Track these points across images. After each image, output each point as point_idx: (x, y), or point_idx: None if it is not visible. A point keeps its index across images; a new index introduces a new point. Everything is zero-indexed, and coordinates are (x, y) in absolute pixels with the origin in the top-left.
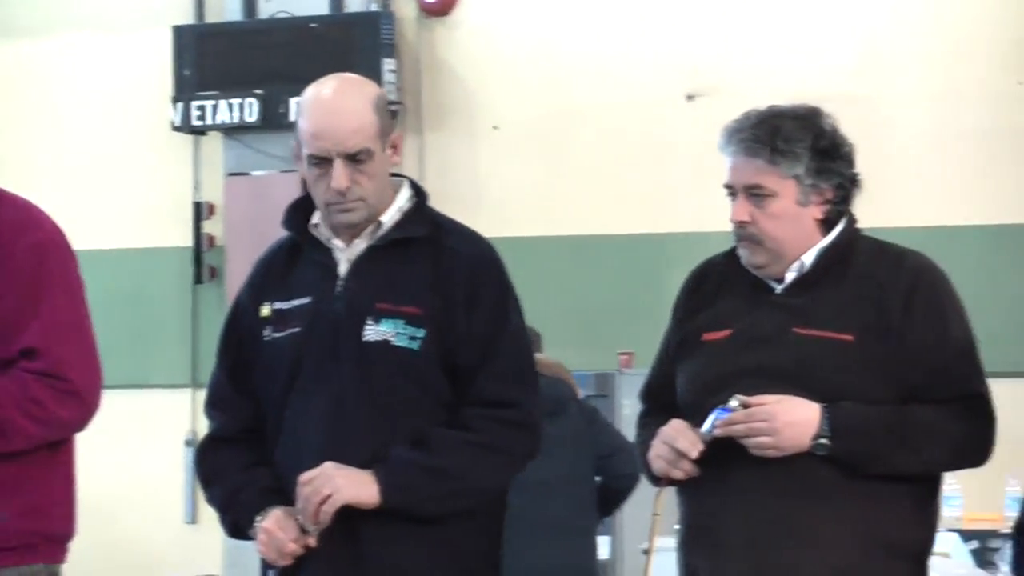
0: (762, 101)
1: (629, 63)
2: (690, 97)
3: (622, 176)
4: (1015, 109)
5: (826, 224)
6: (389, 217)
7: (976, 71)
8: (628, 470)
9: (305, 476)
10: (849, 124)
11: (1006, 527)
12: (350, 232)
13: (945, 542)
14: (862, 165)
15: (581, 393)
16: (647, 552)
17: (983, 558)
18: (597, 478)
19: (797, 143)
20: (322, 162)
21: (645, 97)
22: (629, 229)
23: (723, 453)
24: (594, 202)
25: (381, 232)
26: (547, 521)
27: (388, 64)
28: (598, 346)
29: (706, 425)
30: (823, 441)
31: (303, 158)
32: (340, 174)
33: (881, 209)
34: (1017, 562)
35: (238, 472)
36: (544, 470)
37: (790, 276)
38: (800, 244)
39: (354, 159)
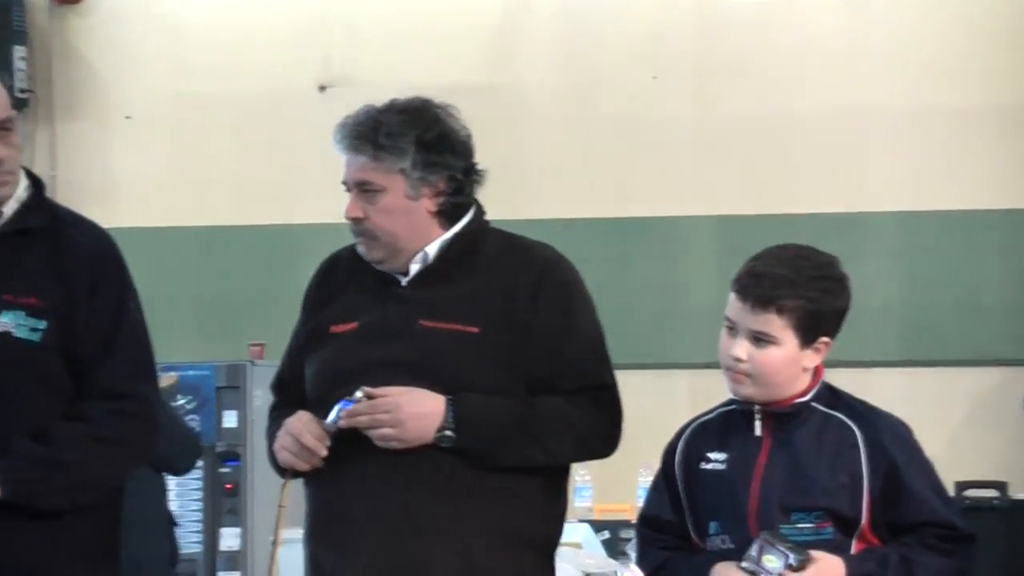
0: (395, 92)
1: (261, 53)
2: (322, 88)
3: (253, 166)
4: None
5: (448, 216)
6: (9, 207)
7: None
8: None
9: None
10: (485, 114)
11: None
12: None
13: (576, 532)
14: (506, 154)
15: None
16: (275, 543)
17: (615, 548)
18: None
19: (401, 137)
20: None
21: (278, 87)
22: (260, 220)
23: (349, 445)
24: (226, 192)
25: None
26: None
27: (19, 52)
28: (229, 337)
29: (331, 416)
30: (448, 433)
31: None
32: None
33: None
34: (641, 553)
35: None
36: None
37: (414, 268)
38: (415, 238)
39: None
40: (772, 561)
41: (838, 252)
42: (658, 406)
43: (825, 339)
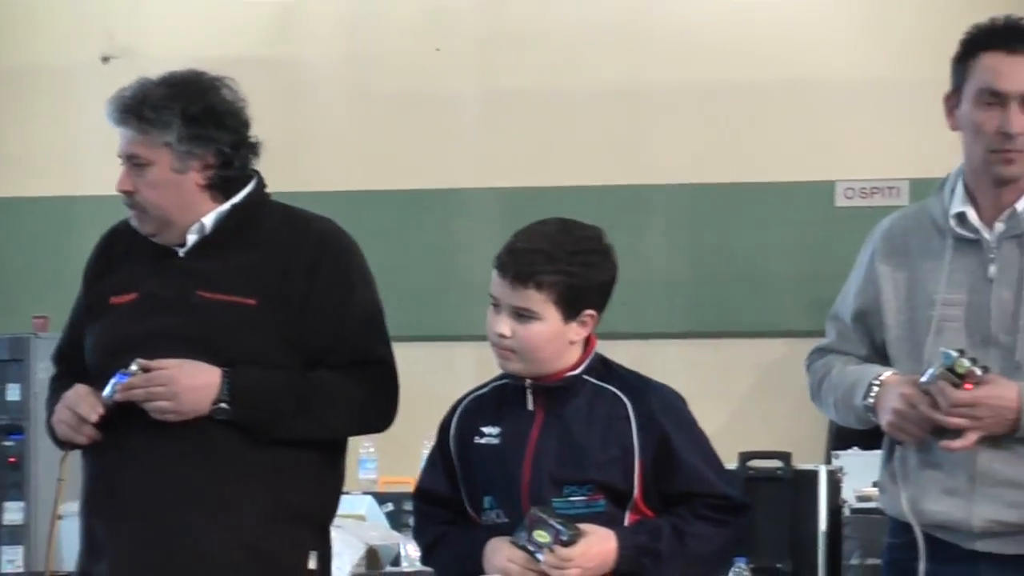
0: (177, 64)
1: (42, 24)
2: (105, 59)
3: (35, 137)
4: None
5: (221, 189)
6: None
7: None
8: None
9: None
10: (267, 87)
11: None
12: None
13: (360, 505)
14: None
15: None
16: (54, 516)
17: (399, 520)
18: None
19: (165, 111)
20: None
21: (60, 59)
22: (43, 191)
23: (125, 418)
24: (6, 164)
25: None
26: None
27: None
28: (12, 309)
29: (107, 390)
30: (223, 405)
31: None
32: None
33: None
34: (417, 527)
35: None
36: None
37: (191, 239)
38: (185, 211)
39: None
40: (543, 536)
41: (621, 225)
42: (442, 378)
43: (590, 312)
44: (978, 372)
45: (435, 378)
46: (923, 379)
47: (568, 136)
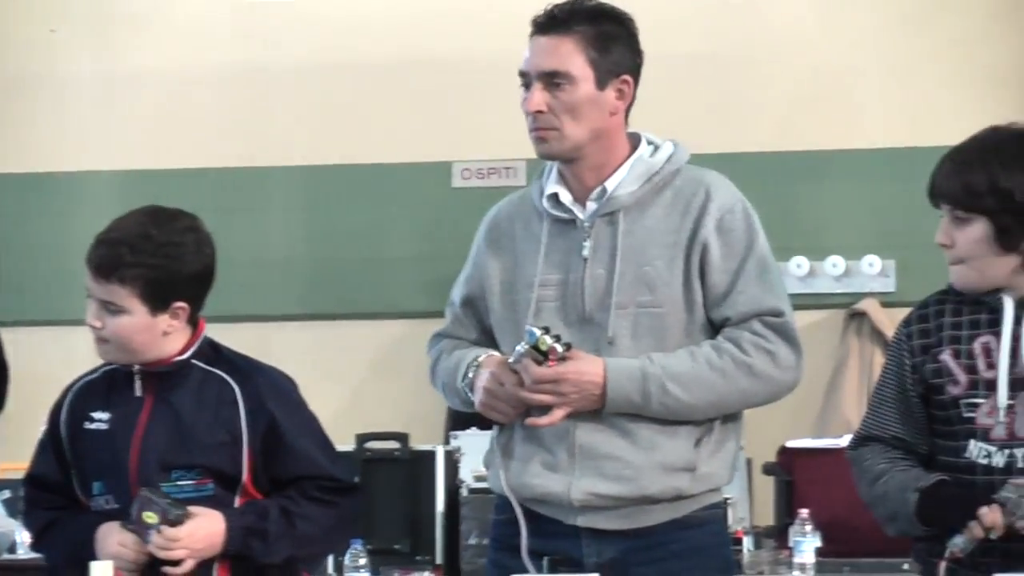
0: None
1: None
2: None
3: None
4: None
5: None
6: None
7: None
8: None
9: None
10: None
11: None
12: None
13: None
14: None
15: None
16: None
17: (15, 507)
18: None
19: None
20: None
21: None
22: None
23: None
24: None
25: None
26: None
27: None
28: None
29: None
30: None
31: None
32: None
33: None
34: (27, 513)
35: None
36: None
37: None
38: None
39: None
40: (151, 517)
41: (239, 207)
42: (61, 362)
43: (181, 304)
44: (560, 348)
45: (53, 362)
46: (511, 359)
47: (187, 118)
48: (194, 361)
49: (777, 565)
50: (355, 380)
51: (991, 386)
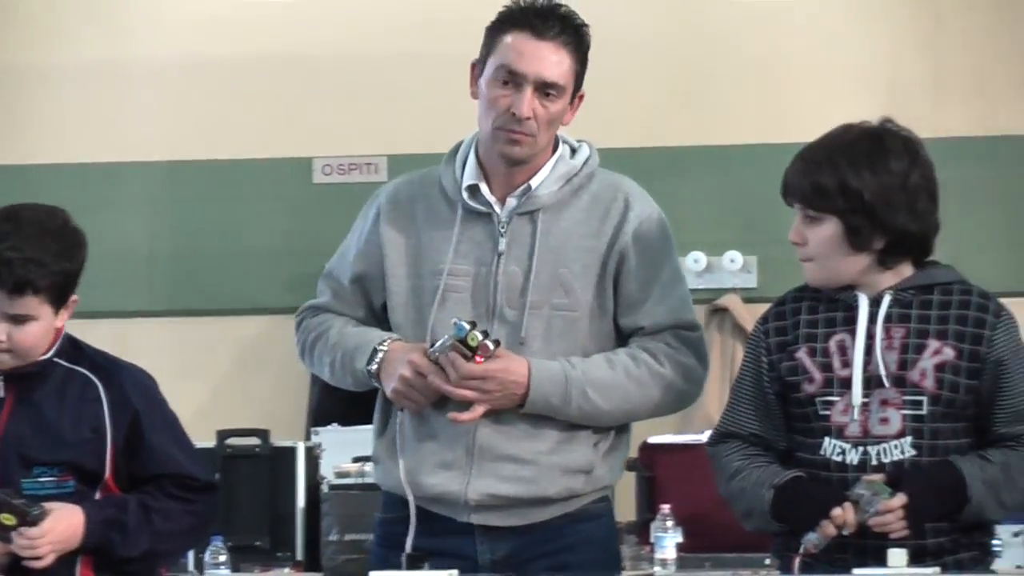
0: None
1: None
2: None
3: None
4: None
5: None
6: None
7: None
8: None
9: None
10: None
11: None
12: None
13: None
14: None
15: None
16: None
17: None
18: None
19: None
20: None
21: None
22: None
23: None
24: None
25: None
26: None
27: None
28: None
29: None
30: None
31: None
32: None
33: None
34: None
35: None
36: None
37: None
38: None
39: None
40: (9, 519)
41: (98, 203)
42: None
43: (75, 297)
44: (490, 346)
45: None
46: (433, 349)
47: (47, 114)
48: (57, 360)
49: (639, 561)
50: (216, 376)
51: (846, 384)
